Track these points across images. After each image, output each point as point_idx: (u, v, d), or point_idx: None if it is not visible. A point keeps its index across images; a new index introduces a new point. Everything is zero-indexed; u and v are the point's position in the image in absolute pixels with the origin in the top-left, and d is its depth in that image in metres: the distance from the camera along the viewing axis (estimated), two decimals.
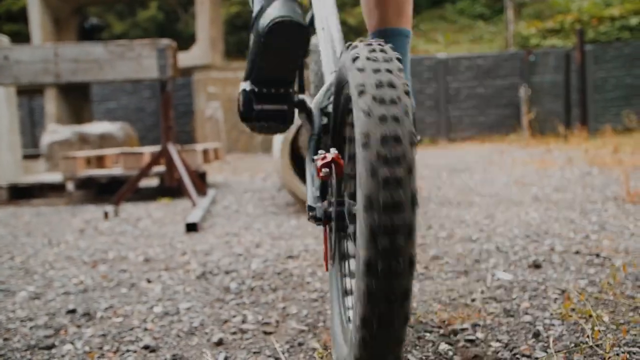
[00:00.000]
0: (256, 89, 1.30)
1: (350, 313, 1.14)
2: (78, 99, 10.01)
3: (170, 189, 4.42)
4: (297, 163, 3.64)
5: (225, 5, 12.60)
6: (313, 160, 1.09)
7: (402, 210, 0.77)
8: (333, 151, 1.04)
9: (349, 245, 1.27)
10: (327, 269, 1.16)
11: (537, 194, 3.69)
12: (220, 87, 8.93)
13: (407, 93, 0.85)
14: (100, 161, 5.46)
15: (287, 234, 2.76)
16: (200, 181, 4.52)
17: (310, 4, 1.55)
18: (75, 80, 3.90)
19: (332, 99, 1.20)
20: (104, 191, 4.92)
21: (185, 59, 9.17)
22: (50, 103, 9.38)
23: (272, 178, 6.01)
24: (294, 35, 1.22)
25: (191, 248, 2.50)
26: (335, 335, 1.13)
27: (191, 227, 2.97)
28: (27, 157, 9.64)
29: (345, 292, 1.22)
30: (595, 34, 11.08)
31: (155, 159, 3.92)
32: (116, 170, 4.85)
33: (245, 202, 4.11)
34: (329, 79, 1.32)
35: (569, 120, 8.59)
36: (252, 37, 1.29)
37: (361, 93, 0.84)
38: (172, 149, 3.87)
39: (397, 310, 0.80)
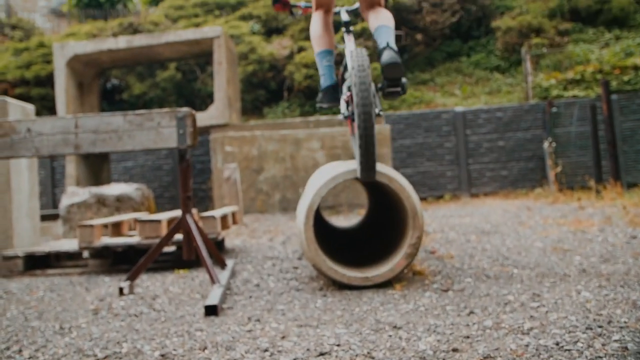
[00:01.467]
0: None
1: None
2: (97, 160, 10.00)
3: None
4: (321, 234, 3.47)
5: (242, 64, 12.66)
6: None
7: (368, 107, 2.79)
8: (348, 92, 3.18)
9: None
10: (351, 134, 3.34)
11: (583, 265, 3.45)
12: (237, 146, 8.84)
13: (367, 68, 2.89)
14: (116, 227, 5.33)
15: (315, 319, 2.54)
16: (219, 251, 4.34)
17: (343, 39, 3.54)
18: (94, 151, 3.78)
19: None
20: (121, 260, 4.78)
21: (203, 118, 9.14)
22: (70, 164, 9.40)
23: (292, 242, 5.81)
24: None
25: (211, 339, 2.30)
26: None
27: (210, 310, 2.77)
28: (46, 217, 9.62)
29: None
30: (618, 84, 10.92)
31: (172, 232, 3.75)
32: (133, 239, 4.69)
33: (266, 273, 3.91)
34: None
35: (599, 174, 8.33)
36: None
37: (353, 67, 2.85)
38: (191, 221, 3.70)
39: (370, 131, 2.82)
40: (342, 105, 3.36)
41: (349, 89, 3.17)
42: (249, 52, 12.87)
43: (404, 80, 3.10)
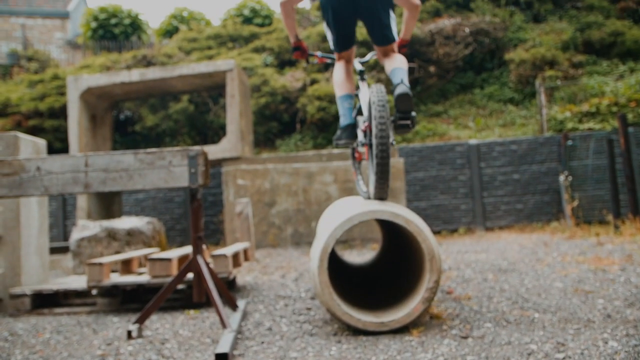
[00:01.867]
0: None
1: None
2: (108, 193, 9.99)
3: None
4: (334, 271, 3.38)
5: (254, 96, 12.69)
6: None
7: (385, 136, 3.17)
8: (366, 123, 3.51)
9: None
10: (367, 159, 3.55)
11: (607, 309, 3.31)
12: (249, 179, 8.78)
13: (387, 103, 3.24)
14: (126, 264, 5.25)
15: None
16: (230, 292, 4.24)
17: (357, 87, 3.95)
18: (103, 190, 3.72)
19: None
20: (130, 299, 4.70)
21: (215, 151, 9.11)
22: (82, 197, 9.38)
23: (304, 279, 5.70)
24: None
25: None
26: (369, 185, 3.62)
27: (221, 359, 2.67)
28: (56, 250, 9.57)
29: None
30: (634, 117, 10.80)
31: (183, 273, 3.66)
32: (143, 278, 4.61)
33: (278, 315, 3.80)
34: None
35: (617, 208, 8.17)
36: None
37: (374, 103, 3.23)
38: (202, 262, 3.61)
39: (386, 156, 3.21)
40: (360, 134, 3.73)
41: (368, 120, 3.53)
42: (261, 85, 12.89)
43: (413, 113, 3.45)
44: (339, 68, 4.00)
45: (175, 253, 4.98)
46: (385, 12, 3.75)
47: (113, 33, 21.02)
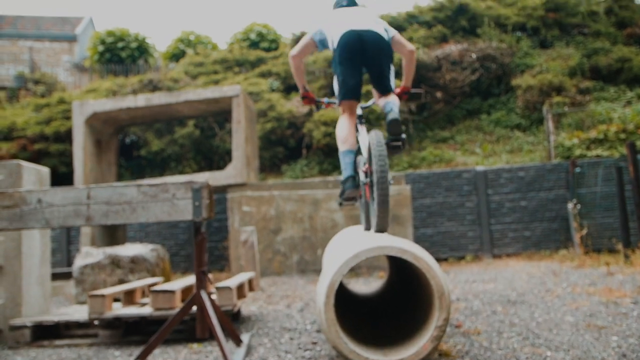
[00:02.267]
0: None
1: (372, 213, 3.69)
2: None
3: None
4: (340, 301, 3.32)
5: (260, 121, 12.67)
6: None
7: (385, 174, 3.41)
8: (366, 164, 3.84)
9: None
10: (368, 198, 3.82)
11: (622, 347, 3.21)
12: (255, 206, 8.71)
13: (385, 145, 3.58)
14: (129, 294, 5.18)
15: None
16: (234, 326, 4.15)
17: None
18: (106, 223, 3.66)
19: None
20: (132, 331, 4.61)
21: (220, 177, 9.06)
22: None
23: (310, 309, 5.61)
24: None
25: None
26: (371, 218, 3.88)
27: None
28: (59, 276, 9.48)
29: (368, 204, 3.98)
30: None
31: (186, 309, 3.58)
32: (145, 310, 4.53)
33: (284, 350, 3.71)
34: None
35: (627, 237, 8.04)
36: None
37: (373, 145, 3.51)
38: (205, 298, 3.53)
39: (386, 192, 3.42)
40: (361, 175, 4.00)
41: (368, 161, 3.85)
42: (268, 109, 12.88)
43: (403, 136, 3.88)
44: (342, 122, 4.21)
45: (178, 284, 4.90)
46: (387, 65, 4.20)
47: (120, 56, 21.14)
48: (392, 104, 4.03)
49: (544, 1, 16.01)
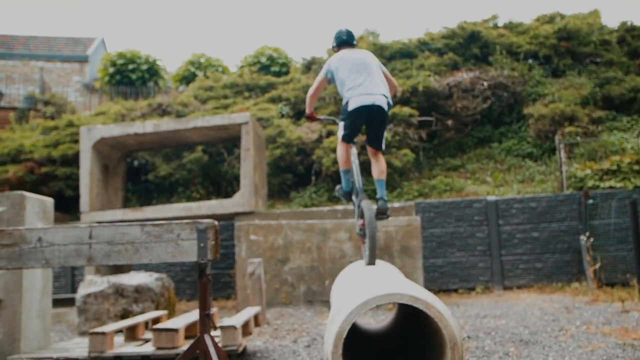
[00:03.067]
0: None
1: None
2: None
3: None
4: (350, 350, 3.18)
5: (270, 147, 12.58)
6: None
7: (374, 232, 4.73)
8: (361, 220, 5.07)
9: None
10: (362, 244, 5.19)
11: None
12: (262, 235, 8.59)
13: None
14: (131, 330, 5.05)
15: None
16: None
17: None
18: (107, 263, 3.54)
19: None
20: None
21: (228, 205, 8.96)
22: None
23: (317, 344, 5.46)
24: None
25: None
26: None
27: None
28: (62, 302, 9.35)
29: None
30: None
31: (188, 353, 3.44)
32: (147, 349, 4.40)
33: None
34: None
35: None
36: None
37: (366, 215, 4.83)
38: (209, 342, 3.39)
39: (374, 234, 4.70)
40: (357, 227, 5.37)
41: (362, 219, 5.15)
42: (277, 136, 12.79)
43: (388, 212, 5.29)
44: (341, 148, 5.55)
45: (181, 321, 4.76)
46: (383, 130, 5.43)
47: (130, 78, 21.20)
48: (382, 184, 5.39)
49: (556, 30, 15.92)
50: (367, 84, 5.30)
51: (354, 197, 5.55)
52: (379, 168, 5.40)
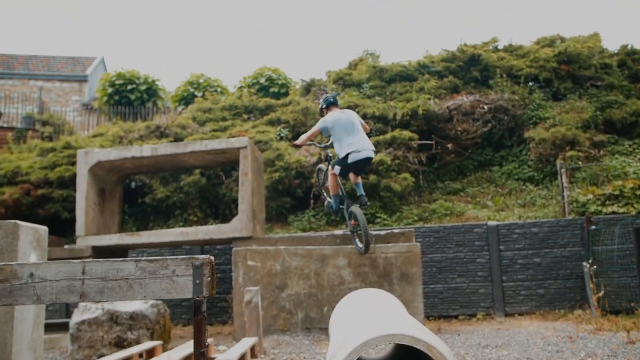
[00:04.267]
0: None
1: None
2: None
3: None
4: None
5: (268, 170, 12.48)
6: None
7: (367, 229, 7.64)
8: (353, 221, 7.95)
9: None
10: (354, 224, 7.95)
11: None
12: (260, 260, 8.45)
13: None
14: None
15: None
16: None
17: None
18: (101, 300, 3.41)
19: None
20: None
21: (226, 230, 8.83)
22: None
23: None
24: None
25: None
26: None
27: None
28: (55, 327, 9.17)
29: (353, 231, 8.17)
30: None
31: None
32: None
33: None
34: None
35: None
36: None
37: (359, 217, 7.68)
38: None
39: (366, 228, 7.61)
40: (350, 226, 8.00)
41: (354, 220, 7.84)
42: (275, 159, 12.68)
43: (367, 202, 7.91)
44: (334, 180, 7.94)
45: (175, 356, 4.63)
46: (366, 169, 9.43)
47: (129, 98, 21.15)
48: (360, 185, 8.00)
49: (557, 53, 15.89)
50: (359, 143, 7.49)
51: (343, 208, 8.05)
52: (358, 178, 8.00)
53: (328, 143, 8.16)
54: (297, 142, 7.85)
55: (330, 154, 8.46)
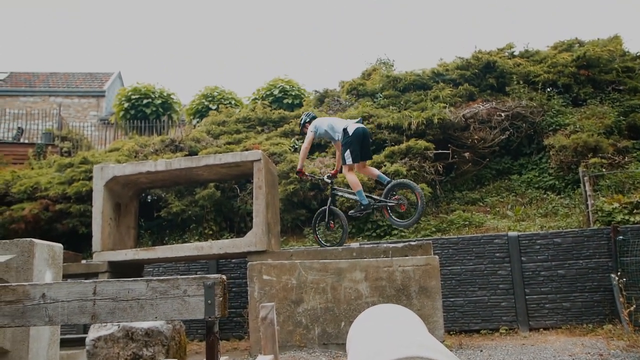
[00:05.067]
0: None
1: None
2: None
3: None
4: None
5: (283, 183, 12.35)
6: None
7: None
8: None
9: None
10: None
11: None
12: (275, 275, 8.30)
13: None
14: None
15: None
16: None
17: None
18: (112, 321, 3.30)
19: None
20: None
21: (241, 245, 8.69)
22: None
23: None
24: None
25: None
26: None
27: None
28: (71, 343, 9.07)
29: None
30: None
31: None
32: None
33: None
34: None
35: None
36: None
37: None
38: None
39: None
40: (391, 202, 8.34)
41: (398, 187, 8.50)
42: (290, 171, 12.52)
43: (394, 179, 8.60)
44: (352, 175, 8.37)
45: None
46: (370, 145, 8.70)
47: (145, 113, 21.20)
48: (383, 175, 8.59)
49: (575, 58, 15.59)
50: (350, 122, 8.49)
51: (373, 197, 8.53)
52: (374, 170, 8.70)
53: (332, 174, 9.36)
54: (299, 165, 8.93)
55: (333, 184, 9.26)
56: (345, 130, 8.25)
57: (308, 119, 9.07)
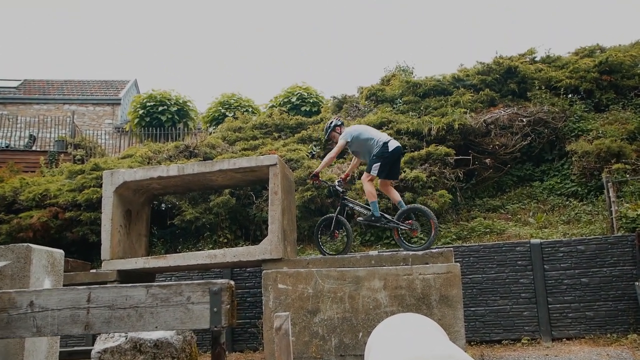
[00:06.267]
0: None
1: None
2: None
3: None
4: None
5: (300, 189, 12.09)
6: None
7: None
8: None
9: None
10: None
11: None
12: (291, 284, 8.04)
13: None
14: None
15: None
16: None
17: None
18: (107, 332, 3.06)
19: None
20: None
21: (255, 252, 8.43)
22: None
23: None
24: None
25: None
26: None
27: None
28: (78, 355, 8.84)
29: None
30: None
31: None
32: None
33: None
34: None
35: None
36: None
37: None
38: None
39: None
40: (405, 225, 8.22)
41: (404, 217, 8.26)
42: (307, 177, 12.30)
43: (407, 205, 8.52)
44: (370, 185, 8.17)
45: None
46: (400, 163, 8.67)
47: (160, 120, 21.07)
48: (403, 203, 8.42)
49: (597, 63, 15.26)
50: (390, 138, 8.28)
51: (385, 216, 8.27)
52: (397, 194, 8.44)
53: (342, 178, 9.01)
54: (318, 168, 8.82)
55: (344, 193, 8.82)
56: (385, 144, 8.05)
57: (339, 123, 8.78)
